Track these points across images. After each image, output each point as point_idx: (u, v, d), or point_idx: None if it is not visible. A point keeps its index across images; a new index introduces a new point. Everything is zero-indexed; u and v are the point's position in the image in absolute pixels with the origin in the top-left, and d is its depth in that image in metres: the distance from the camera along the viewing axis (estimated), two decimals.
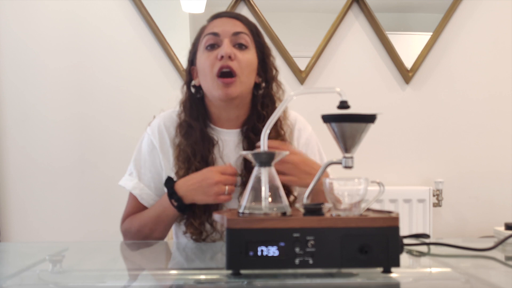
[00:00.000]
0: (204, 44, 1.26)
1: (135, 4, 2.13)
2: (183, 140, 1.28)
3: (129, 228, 1.31)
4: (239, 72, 1.23)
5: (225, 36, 1.24)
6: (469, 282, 0.84)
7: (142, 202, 1.31)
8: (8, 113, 2.14)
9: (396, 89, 2.20)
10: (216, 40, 1.24)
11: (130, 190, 1.32)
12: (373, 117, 0.83)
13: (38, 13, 2.13)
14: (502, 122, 2.20)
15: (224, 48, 1.22)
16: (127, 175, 1.35)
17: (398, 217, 0.80)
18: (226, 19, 1.28)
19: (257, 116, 1.29)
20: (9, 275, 0.90)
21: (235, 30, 1.25)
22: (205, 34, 1.26)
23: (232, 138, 1.32)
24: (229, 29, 1.25)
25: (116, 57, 2.15)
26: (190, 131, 1.28)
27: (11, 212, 2.14)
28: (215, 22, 1.28)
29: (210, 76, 1.23)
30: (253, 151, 0.86)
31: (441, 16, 2.17)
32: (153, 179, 1.32)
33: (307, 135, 1.39)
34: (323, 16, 2.20)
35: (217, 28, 1.25)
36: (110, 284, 0.84)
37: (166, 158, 1.32)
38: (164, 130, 1.33)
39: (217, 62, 1.22)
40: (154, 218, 1.26)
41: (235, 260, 0.77)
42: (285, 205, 0.85)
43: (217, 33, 1.24)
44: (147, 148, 1.34)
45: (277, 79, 1.34)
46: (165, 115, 1.36)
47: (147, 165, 1.33)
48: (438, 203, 2.14)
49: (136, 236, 1.29)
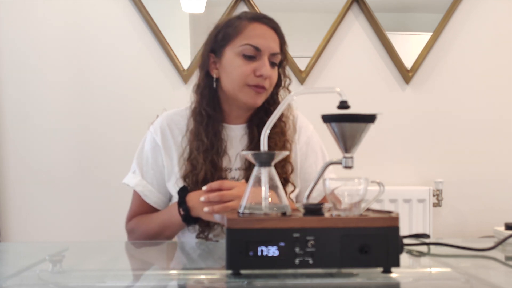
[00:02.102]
0: (243, 51, 1.25)
1: (135, 4, 2.13)
2: (202, 131, 1.28)
3: (135, 229, 1.33)
4: (269, 88, 1.28)
5: (265, 53, 1.25)
6: (469, 282, 0.84)
7: (145, 199, 1.33)
8: (8, 112, 2.13)
9: (396, 89, 2.20)
10: (256, 53, 1.25)
11: (133, 187, 1.34)
12: (373, 117, 0.83)
13: (38, 13, 2.13)
14: (502, 122, 2.20)
15: (266, 70, 1.24)
16: (130, 173, 1.37)
17: (398, 217, 0.80)
18: (267, 29, 1.27)
19: (264, 111, 1.32)
20: (9, 275, 0.90)
21: (274, 51, 1.27)
22: (247, 42, 1.25)
23: (237, 132, 1.34)
24: (270, 46, 1.26)
25: (116, 57, 2.15)
26: (208, 122, 1.29)
27: (11, 212, 2.14)
28: (256, 27, 1.27)
29: (241, 83, 1.26)
30: (253, 152, 0.86)
31: (441, 16, 2.17)
32: (155, 177, 1.34)
33: (308, 134, 1.40)
34: (323, 16, 2.20)
35: (260, 42, 1.25)
36: (110, 284, 0.84)
37: (169, 157, 1.33)
38: (167, 129, 1.34)
39: (252, 76, 1.25)
40: (161, 223, 1.28)
41: (235, 260, 0.77)
42: (285, 205, 0.85)
43: (260, 49, 1.25)
44: (150, 146, 1.35)
45: (285, 86, 1.37)
46: (168, 115, 1.37)
47: (149, 163, 1.34)
48: (438, 203, 2.14)
49: (141, 238, 1.31)
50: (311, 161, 1.39)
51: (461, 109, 2.20)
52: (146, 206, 1.34)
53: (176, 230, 1.29)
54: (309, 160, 1.39)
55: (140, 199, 1.34)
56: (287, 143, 1.33)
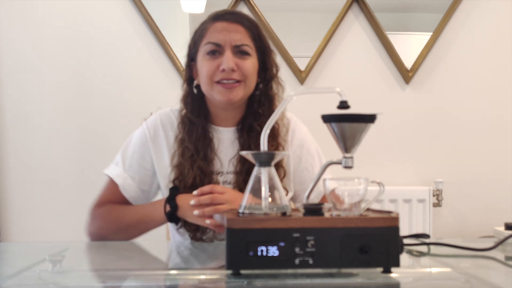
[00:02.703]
0: (205, 50, 1.25)
1: (135, 4, 2.13)
2: (186, 137, 1.28)
3: (105, 215, 1.29)
4: (243, 79, 1.25)
5: (227, 46, 1.23)
6: (469, 282, 0.84)
7: (123, 192, 1.30)
8: (8, 112, 2.13)
9: (396, 89, 2.20)
10: (218, 49, 1.24)
11: (113, 178, 1.31)
12: (373, 117, 0.83)
13: (38, 13, 2.13)
14: (502, 121, 2.20)
15: (227, 62, 1.22)
16: (113, 164, 1.35)
17: (398, 217, 0.80)
18: (228, 24, 1.25)
19: (253, 115, 1.30)
20: (9, 275, 0.90)
21: (237, 43, 1.24)
22: (207, 41, 1.25)
23: (228, 136, 1.32)
24: (231, 39, 1.24)
25: (116, 57, 2.15)
26: (192, 128, 1.28)
27: (11, 212, 2.14)
28: (217, 26, 1.26)
29: (209, 82, 1.24)
30: (253, 152, 0.86)
31: (441, 16, 2.17)
32: (138, 172, 1.32)
33: (301, 136, 1.38)
34: (323, 16, 2.20)
35: (219, 38, 1.24)
36: (110, 284, 0.84)
37: (159, 155, 1.32)
38: (160, 127, 1.33)
39: (218, 72, 1.23)
40: (139, 216, 1.26)
41: (235, 260, 0.77)
42: (285, 205, 0.85)
43: (219, 44, 1.23)
44: (139, 141, 1.34)
45: (277, 77, 1.34)
46: (162, 113, 1.37)
47: (135, 157, 1.33)
48: (438, 203, 2.14)
49: (108, 226, 1.28)
50: (307, 163, 1.37)
51: (461, 109, 2.20)
52: (120, 198, 1.31)
53: (153, 226, 1.27)
54: (304, 162, 1.36)
55: (116, 189, 1.31)
56: (280, 147, 1.30)
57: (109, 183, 1.34)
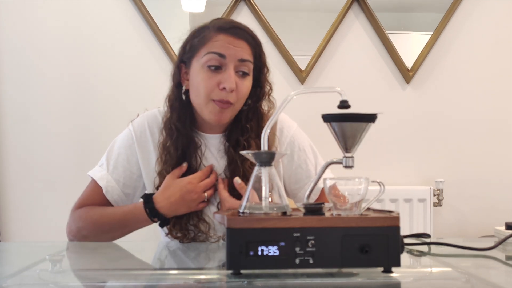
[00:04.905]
0: (206, 61, 1.20)
1: (135, 4, 2.12)
2: (171, 144, 1.25)
3: (85, 216, 1.27)
4: (235, 101, 1.22)
5: (231, 61, 1.19)
6: (470, 282, 0.84)
7: (106, 194, 1.28)
8: (8, 112, 2.13)
9: (396, 88, 2.20)
10: (221, 62, 1.19)
11: (96, 180, 1.29)
12: (374, 117, 0.82)
13: (38, 13, 2.12)
14: (502, 121, 2.20)
15: (230, 82, 1.18)
16: (97, 166, 1.33)
17: (398, 217, 0.80)
18: (233, 39, 1.20)
19: (240, 129, 1.27)
20: (9, 275, 0.90)
21: (241, 57, 1.20)
22: (210, 51, 1.20)
23: (214, 142, 1.30)
24: (236, 53, 1.19)
25: (116, 57, 2.14)
26: (178, 135, 1.25)
27: (11, 212, 2.14)
28: (220, 38, 1.20)
29: (206, 98, 1.21)
30: (253, 151, 0.86)
31: (441, 16, 2.17)
32: (123, 175, 1.30)
33: (290, 134, 1.34)
34: (324, 15, 2.20)
35: (224, 50, 1.19)
36: (110, 284, 0.84)
37: (145, 158, 1.30)
38: (147, 129, 1.31)
39: (217, 90, 1.19)
40: (120, 220, 1.24)
41: (235, 260, 0.77)
42: (285, 204, 0.85)
43: (224, 56, 1.19)
44: (125, 143, 1.32)
45: (269, 96, 1.31)
46: (149, 115, 1.34)
47: (120, 159, 1.31)
48: (438, 203, 2.13)
49: (89, 227, 1.26)
50: (300, 160, 1.33)
51: (462, 108, 2.20)
52: (102, 200, 1.29)
53: (133, 230, 1.26)
54: (297, 160, 1.33)
55: (98, 191, 1.29)
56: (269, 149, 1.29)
57: (92, 184, 1.32)
